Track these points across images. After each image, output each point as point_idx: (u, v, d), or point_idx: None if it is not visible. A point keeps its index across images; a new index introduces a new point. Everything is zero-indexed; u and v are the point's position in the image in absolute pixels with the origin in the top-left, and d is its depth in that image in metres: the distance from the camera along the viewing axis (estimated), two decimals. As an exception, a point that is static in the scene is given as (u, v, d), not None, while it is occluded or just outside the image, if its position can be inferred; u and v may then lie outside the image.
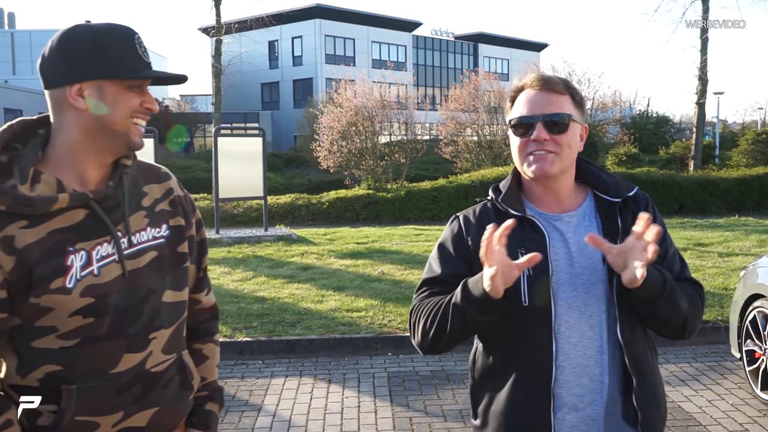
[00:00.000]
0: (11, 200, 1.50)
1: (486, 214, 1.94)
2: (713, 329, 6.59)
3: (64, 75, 1.56)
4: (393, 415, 4.97)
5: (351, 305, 7.35)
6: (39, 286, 1.51)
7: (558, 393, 1.80)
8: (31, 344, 1.57)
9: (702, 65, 25.55)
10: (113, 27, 1.60)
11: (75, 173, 1.60)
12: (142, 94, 1.63)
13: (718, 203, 18.56)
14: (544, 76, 1.88)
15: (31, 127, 1.65)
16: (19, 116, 8.86)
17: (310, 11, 53.77)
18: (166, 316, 1.71)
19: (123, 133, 1.61)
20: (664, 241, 1.90)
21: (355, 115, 21.28)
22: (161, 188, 1.79)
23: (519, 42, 69.24)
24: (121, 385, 1.62)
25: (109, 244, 1.60)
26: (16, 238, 1.50)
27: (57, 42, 1.57)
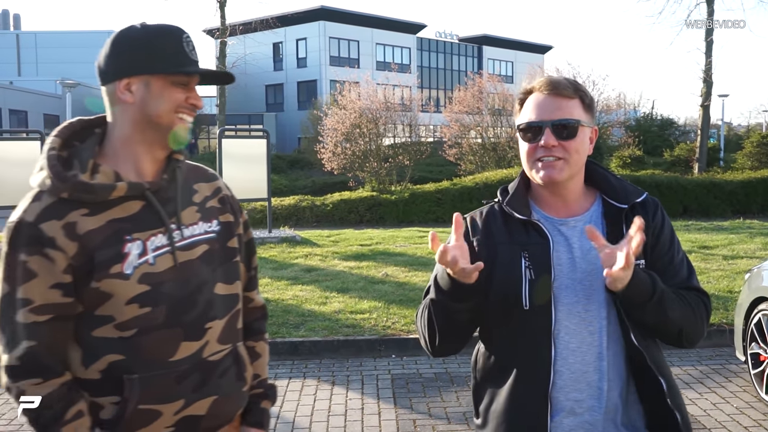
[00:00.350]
0: (73, 187, 1.58)
1: (492, 216, 1.94)
2: (718, 332, 6.57)
3: (114, 71, 1.65)
4: (396, 418, 4.96)
5: (355, 307, 7.35)
6: (99, 271, 1.58)
7: (555, 397, 1.80)
8: (91, 334, 1.62)
9: (707, 67, 25.51)
10: (162, 26, 1.68)
11: (130, 166, 1.68)
12: (188, 90, 1.69)
13: (722, 206, 18.51)
14: (554, 79, 1.86)
15: (89, 126, 1.74)
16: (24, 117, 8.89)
17: (314, 13, 53.81)
18: (219, 307, 1.76)
19: (168, 127, 1.67)
20: (671, 248, 1.88)
21: (359, 117, 21.28)
22: (210, 187, 1.86)
23: (523, 44, 69.20)
24: (181, 373, 1.68)
25: (163, 235, 1.67)
26: (78, 224, 1.58)
27: (110, 41, 1.67)
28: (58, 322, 1.59)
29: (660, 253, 1.86)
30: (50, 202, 1.58)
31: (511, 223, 1.89)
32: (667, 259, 1.86)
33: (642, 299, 1.71)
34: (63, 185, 1.57)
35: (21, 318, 1.56)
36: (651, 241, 1.85)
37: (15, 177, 11.23)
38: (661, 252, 1.86)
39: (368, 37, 57.04)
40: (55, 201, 1.58)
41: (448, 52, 66.08)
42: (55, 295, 1.57)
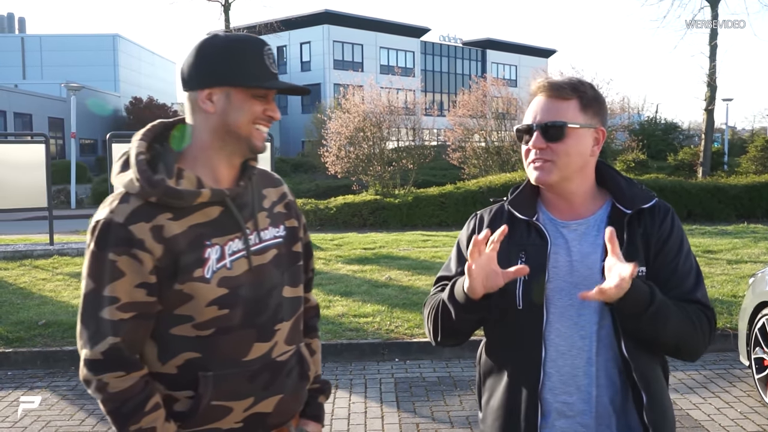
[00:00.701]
0: (163, 192, 1.64)
1: (500, 214, 1.97)
2: (722, 337, 6.56)
3: (196, 80, 1.71)
4: (400, 421, 4.96)
5: (358, 311, 7.35)
6: (183, 274, 1.65)
7: (545, 398, 1.83)
8: (169, 331, 1.70)
9: (711, 72, 25.47)
10: (244, 38, 1.73)
11: (209, 172, 1.74)
12: (266, 102, 1.74)
13: (727, 210, 18.47)
14: (550, 81, 1.85)
15: (169, 129, 1.81)
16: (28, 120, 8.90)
17: (318, 17, 53.93)
18: (287, 309, 1.84)
19: (246, 137, 1.73)
20: (677, 257, 1.83)
21: (363, 121, 21.28)
22: (277, 192, 1.93)
23: (527, 48, 69.25)
24: (252, 372, 1.75)
25: (239, 240, 1.74)
26: (165, 227, 1.65)
27: (195, 49, 1.72)
28: (140, 320, 1.66)
29: (663, 262, 1.82)
30: (138, 205, 1.65)
31: (515, 223, 1.91)
32: (670, 269, 1.82)
33: (636, 310, 1.69)
34: (153, 190, 1.63)
35: (107, 315, 1.62)
36: (654, 248, 1.82)
37: (20, 180, 11.25)
38: (665, 260, 1.82)
39: (372, 41, 57.13)
40: (142, 204, 1.65)
41: (451, 55, 66.15)
42: (140, 294, 1.64)
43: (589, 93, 1.85)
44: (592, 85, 1.89)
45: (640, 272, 1.78)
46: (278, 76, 1.78)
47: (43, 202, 11.49)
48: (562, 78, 1.87)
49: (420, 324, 6.82)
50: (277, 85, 1.74)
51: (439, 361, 6.25)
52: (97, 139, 44.30)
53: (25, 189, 11.27)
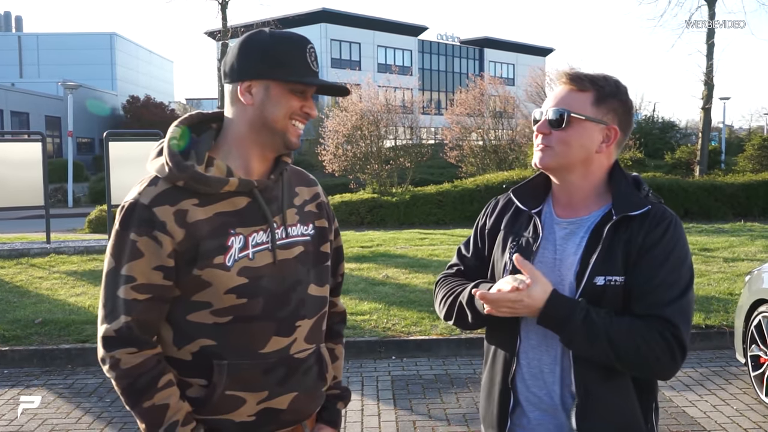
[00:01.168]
0: (190, 177, 1.66)
1: (509, 204, 2.01)
2: (718, 334, 6.57)
3: (237, 72, 1.73)
4: (396, 419, 4.96)
5: (355, 308, 7.35)
6: (203, 260, 1.67)
7: (518, 388, 1.88)
8: (186, 317, 1.72)
9: (708, 70, 25.51)
10: (289, 35, 1.75)
11: (241, 163, 1.76)
12: (305, 99, 1.75)
13: (723, 208, 18.49)
14: (570, 71, 1.86)
15: (207, 120, 1.84)
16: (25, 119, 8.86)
17: (316, 15, 53.89)
18: (310, 307, 1.84)
19: (281, 132, 1.74)
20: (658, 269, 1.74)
21: (361, 119, 21.29)
22: (310, 191, 1.94)
23: (525, 47, 69.26)
24: (268, 366, 1.75)
25: (264, 232, 1.75)
26: (189, 212, 1.67)
27: (239, 43, 1.74)
28: (155, 302, 1.67)
29: (640, 272, 1.75)
30: (165, 188, 1.68)
31: (520, 213, 1.96)
32: (644, 278, 1.74)
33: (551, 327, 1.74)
34: (180, 174, 1.66)
35: (122, 294, 1.65)
36: (636, 256, 1.76)
37: (16, 178, 11.24)
38: (643, 270, 1.75)
39: (369, 40, 57.11)
40: (170, 187, 1.68)
41: (449, 54, 66.14)
42: (157, 276, 1.66)
43: (607, 88, 1.82)
44: (618, 83, 1.85)
45: (614, 281, 1.75)
46: (318, 75, 1.79)
47: (40, 200, 11.48)
48: (581, 71, 1.88)
49: (417, 322, 6.83)
50: (316, 81, 1.74)
51: (436, 359, 6.26)
52: (94, 138, 44.23)
53: (21, 187, 11.26)
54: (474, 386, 5.56)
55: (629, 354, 1.70)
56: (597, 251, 1.77)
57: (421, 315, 7.06)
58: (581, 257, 1.79)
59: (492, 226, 2.01)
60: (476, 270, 2.04)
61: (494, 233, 2.00)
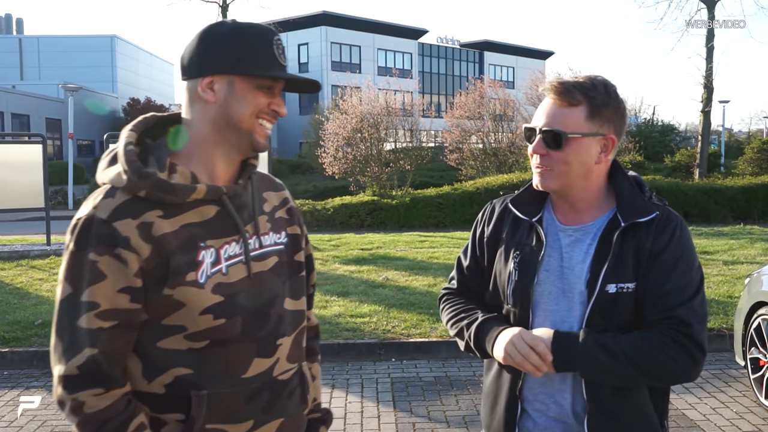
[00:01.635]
0: (153, 186, 1.48)
1: (507, 210, 1.96)
2: (718, 337, 6.58)
3: (197, 67, 1.56)
4: (396, 421, 4.97)
5: (355, 311, 7.35)
6: (174, 277, 1.48)
7: (525, 396, 1.87)
8: (156, 344, 1.52)
9: (707, 73, 25.54)
10: (253, 26, 1.58)
11: (205, 168, 1.59)
12: (272, 96, 1.59)
13: (723, 211, 18.51)
14: (560, 83, 1.78)
15: (163, 123, 1.66)
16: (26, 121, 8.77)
17: (316, 18, 53.96)
18: (289, 323, 1.68)
19: (247, 132, 1.58)
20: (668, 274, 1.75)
21: (361, 122, 21.31)
22: (278, 196, 1.79)
23: (525, 50, 69.32)
24: (252, 392, 1.59)
25: (237, 243, 1.58)
26: (154, 225, 1.48)
27: (198, 34, 1.57)
28: (122, 330, 1.48)
29: (652, 277, 1.75)
30: (125, 199, 1.49)
31: (519, 222, 1.91)
32: (656, 283, 1.74)
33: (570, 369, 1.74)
34: (142, 182, 1.48)
35: (84, 323, 1.45)
36: (646, 262, 1.75)
37: (17, 180, 11.25)
38: (654, 276, 1.75)
39: (370, 43, 57.17)
40: (129, 198, 1.49)
41: (449, 57, 66.20)
42: (123, 300, 1.47)
43: (599, 99, 1.76)
44: (607, 86, 1.80)
45: (625, 288, 1.74)
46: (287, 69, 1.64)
47: (41, 202, 11.49)
48: (575, 78, 1.79)
49: (417, 324, 6.83)
50: (284, 75, 1.59)
51: (436, 361, 6.26)
52: (94, 140, 44.28)
53: (22, 189, 11.27)
54: (474, 388, 5.56)
55: (650, 367, 1.70)
56: (608, 259, 1.75)
57: (421, 317, 7.06)
58: (591, 265, 1.77)
59: (491, 235, 1.96)
60: (477, 281, 2.00)
61: (494, 243, 1.94)
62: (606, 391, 1.75)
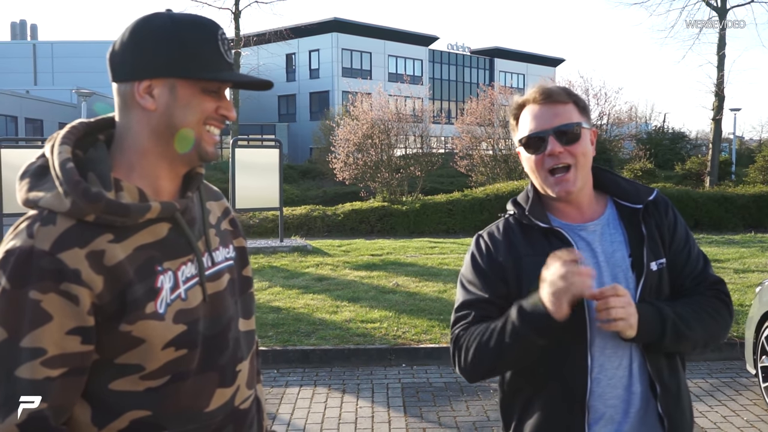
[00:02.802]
0: (105, 208, 1.28)
1: (510, 229, 1.91)
2: (729, 345, 6.57)
3: (133, 68, 1.35)
4: (407, 426, 4.99)
5: (366, 316, 7.39)
6: (132, 312, 1.29)
7: (593, 405, 1.77)
8: (108, 387, 1.32)
9: (718, 81, 25.50)
10: (195, 18, 1.39)
11: (148, 182, 1.39)
12: (219, 99, 1.41)
13: (734, 219, 18.44)
14: (546, 88, 1.85)
15: (92, 131, 1.44)
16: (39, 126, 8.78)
17: (327, 25, 54.13)
18: (244, 346, 1.53)
19: (194, 141, 1.40)
20: (687, 244, 1.89)
21: (371, 128, 21.36)
22: (220, 206, 1.62)
23: (535, 57, 69.30)
24: (216, 426, 1.43)
25: (192, 263, 1.42)
26: (106, 253, 1.28)
27: (131, 30, 1.36)
28: (73, 377, 1.26)
29: (677, 250, 1.88)
30: (69, 226, 1.27)
31: (531, 234, 1.87)
32: (684, 256, 1.88)
33: (654, 339, 1.74)
34: (91, 206, 1.27)
35: (27, 373, 1.22)
36: (668, 239, 1.88)
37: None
38: (678, 248, 1.88)
39: (380, 49, 57.29)
40: (74, 225, 1.27)
41: (459, 64, 66.25)
42: (73, 342, 1.25)
43: (579, 97, 1.91)
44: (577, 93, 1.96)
45: (662, 263, 1.83)
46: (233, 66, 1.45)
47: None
48: (550, 85, 1.89)
49: (427, 330, 6.86)
50: (235, 77, 1.41)
51: (446, 367, 6.28)
52: (106, 145, 44.50)
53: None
54: (484, 395, 5.58)
55: (714, 327, 1.83)
56: (645, 239, 1.83)
57: (431, 323, 7.09)
58: (629, 249, 1.83)
59: (509, 257, 1.86)
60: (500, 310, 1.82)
61: (515, 263, 1.85)
62: (665, 371, 1.81)
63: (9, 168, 11.42)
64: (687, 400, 1.88)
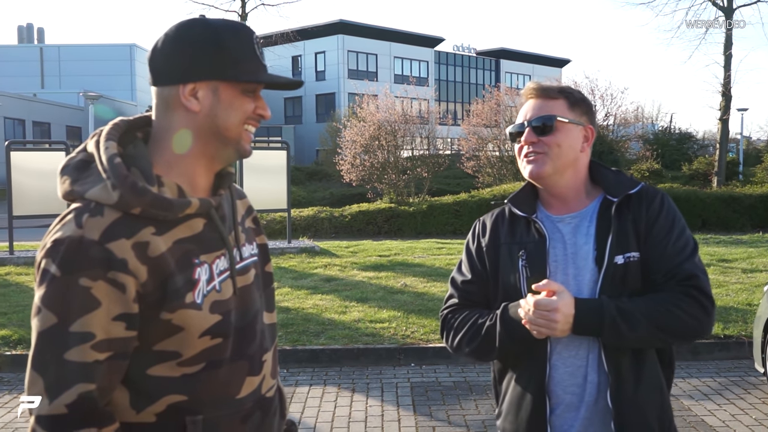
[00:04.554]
0: (151, 202, 1.36)
1: (501, 218, 2.06)
2: (737, 344, 6.59)
3: (177, 72, 1.43)
4: (416, 425, 5.02)
5: (374, 316, 7.42)
6: (173, 301, 1.37)
7: (554, 391, 1.89)
8: (146, 372, 1.40)
9: (725, 81, 25.46)
10: (232, 24, 1.47)
11: (186, 179, 1.47)
12: (256, 99, 1.50)
13: (741, 220, 18.41)
14: (538, 84, 1.96)
15: (132, 129, 1.52)
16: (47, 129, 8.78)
17: (333, 27, 54.23)
18: (268, 337, 1.63)
19: (235, 141, 1.48)
20: (666, 238, 1.86)
21: (378, 130, 21.40)
22: (243, 204, 1.70)
23: (541, 57, 69.25)
24: (246, 412, 1.52)
25: (224, 257, 1.49)
26: (150, 245, 1.36)
27: (172, 35, 1.44)
28: (117, 360, 1.34)
29: (653, 243, 1.87)
30: (116, 218, 1.34)
31: (515, 224, 2.00)
32: (659, 249, 1.86)
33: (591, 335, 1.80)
34: (138, 199, 1.35)
35: (77, 356, 1.29)
36: (644, 232, 1.87)
37: (38, 187, 11.44)
38: (654, 242, 1.86)
39: (386, 51, 57.36)
40: (121, 216, 1.35)
41: (465, 65, 66.26)
42: (119, 328, 1.33)
43: (575, 95, 1.95)
44: (579, 91, 2.00)
45: (632, 257, 1.85)
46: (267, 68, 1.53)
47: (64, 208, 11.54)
48: (548, 82, 1.99)
49: (435, 330, 6.88)
50: (275, 79, 1.49)
51: (455, 366, 6.31)
52: (113, 148, 44.62)
53: (45, 196, 11.43)
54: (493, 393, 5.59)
55: (670, 324, 1.78)
56: (611, 233, 1.86)
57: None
58: (595, 242, 1.88)
59: (489, 243, 2.02)
60: (481, 293, 2.03)
61: (494, 249, 2.00)
62: (625, 363, 1.82)
63: (18, 171, 11.52)
64: (653, 394, 1.87)
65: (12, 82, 45.86)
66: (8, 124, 37.34)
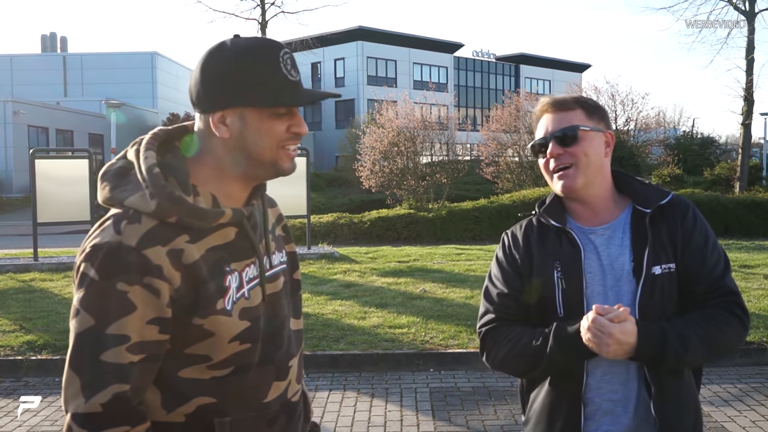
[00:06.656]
0: (187, 211, 1.42)
1: (530, 228, 2.05)
2: (758, 351, 6.55)
3: (207, 102, 1.48)
4: (435, 430, 5.05)
5: (393, 322, 7.45)
6: (205, 307, 1.43)
7: (590, 398, 1.89)
8: (178, 374, 1.47)
9: (748, 86, 25.22)
10: (255, 45, 1.48)
11: (221, 191, 1.52)
12: (290, 117, 1.51)
13: (764, 225, 18.19)
14: (553, 98, 1.99)
15: (170, 138, 1.58)
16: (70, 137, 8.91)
17: (352, 33, 54.42)
18: (294, 343, 1.68)
19: (270, 162, 1.52)
20: (703, 251, 1.89)
21: (397, 136, 21.44)
22: (274, 213, 1.75)
23: (561, 63, 69.04)
24: (272, 416, 1.57)
25: (254, 265, 1.55)
26: (185, 252, 1.41)
27: (201, 65, 1.49)
28: (150, 363, 1.40)
29: (690, 257, 1.88)
30: (152, 225, 1.40)
31: (546, 234, 2.00)
32: (698, 262, 1.88)
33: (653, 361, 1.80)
34: (175, 208, 1.40)
35: (113, 358, 1.35)
36: (681, 244, 1.89)
37: (62, 194, 11.62)
38: (693, 255, 1.89)
39: (405, 57, 57.47)
40: (157, 224, 1.41)
41: (485, 71, 66.23)
42: (152, 331, 1.39)
43: (591, 103, 1.99)
44: (592, 99, 2.04)
45: (669, 268, 1.86)
46: (301, 82, 1.53)
47: (86, 215, 11.85)
48: (563, 95, 2.01)
49: (455, 335, 6.90)
50: (296, 101, 1.49)
51: (474, 372, 6.33)
52: (135, 155, 44.97)
53: (68, 203, 11.62)
54: (512, 399, 5.61)
55: (720, 346, 1.85)
56: (647, 244, 1.87)
57: (459, 329, 7.13)
58: (632, 253, 1.89)
59: (524, 256, 2.00)
60: (519, 306, 1.99)
61: (528, 261, 1.99)
62: (666, 375, 1.84)
63: (43, 178, 11.68)
64: (691, 403, 1.90)
65: (36, 91, 46.50)
66: (32, 132, 37.81)
